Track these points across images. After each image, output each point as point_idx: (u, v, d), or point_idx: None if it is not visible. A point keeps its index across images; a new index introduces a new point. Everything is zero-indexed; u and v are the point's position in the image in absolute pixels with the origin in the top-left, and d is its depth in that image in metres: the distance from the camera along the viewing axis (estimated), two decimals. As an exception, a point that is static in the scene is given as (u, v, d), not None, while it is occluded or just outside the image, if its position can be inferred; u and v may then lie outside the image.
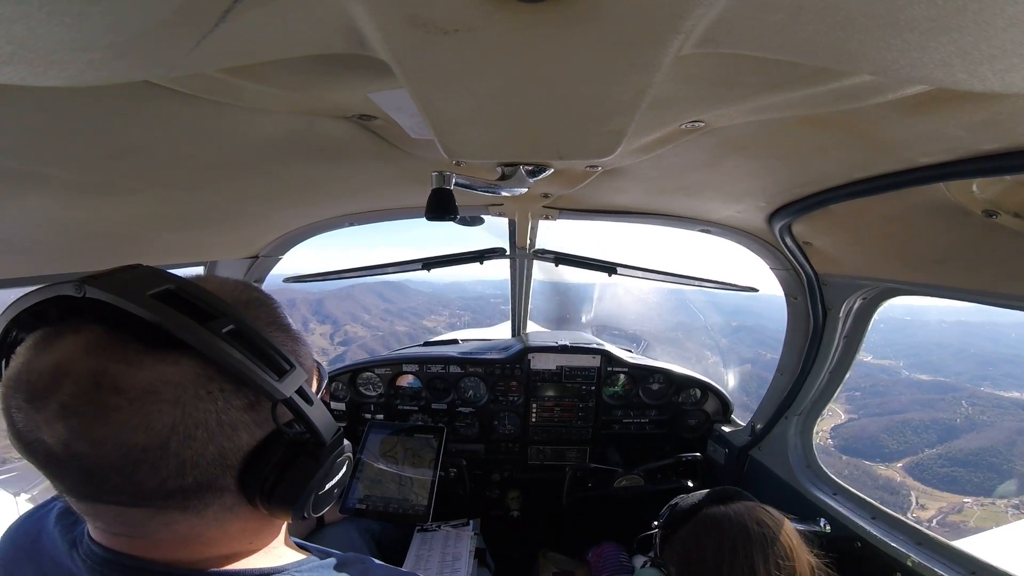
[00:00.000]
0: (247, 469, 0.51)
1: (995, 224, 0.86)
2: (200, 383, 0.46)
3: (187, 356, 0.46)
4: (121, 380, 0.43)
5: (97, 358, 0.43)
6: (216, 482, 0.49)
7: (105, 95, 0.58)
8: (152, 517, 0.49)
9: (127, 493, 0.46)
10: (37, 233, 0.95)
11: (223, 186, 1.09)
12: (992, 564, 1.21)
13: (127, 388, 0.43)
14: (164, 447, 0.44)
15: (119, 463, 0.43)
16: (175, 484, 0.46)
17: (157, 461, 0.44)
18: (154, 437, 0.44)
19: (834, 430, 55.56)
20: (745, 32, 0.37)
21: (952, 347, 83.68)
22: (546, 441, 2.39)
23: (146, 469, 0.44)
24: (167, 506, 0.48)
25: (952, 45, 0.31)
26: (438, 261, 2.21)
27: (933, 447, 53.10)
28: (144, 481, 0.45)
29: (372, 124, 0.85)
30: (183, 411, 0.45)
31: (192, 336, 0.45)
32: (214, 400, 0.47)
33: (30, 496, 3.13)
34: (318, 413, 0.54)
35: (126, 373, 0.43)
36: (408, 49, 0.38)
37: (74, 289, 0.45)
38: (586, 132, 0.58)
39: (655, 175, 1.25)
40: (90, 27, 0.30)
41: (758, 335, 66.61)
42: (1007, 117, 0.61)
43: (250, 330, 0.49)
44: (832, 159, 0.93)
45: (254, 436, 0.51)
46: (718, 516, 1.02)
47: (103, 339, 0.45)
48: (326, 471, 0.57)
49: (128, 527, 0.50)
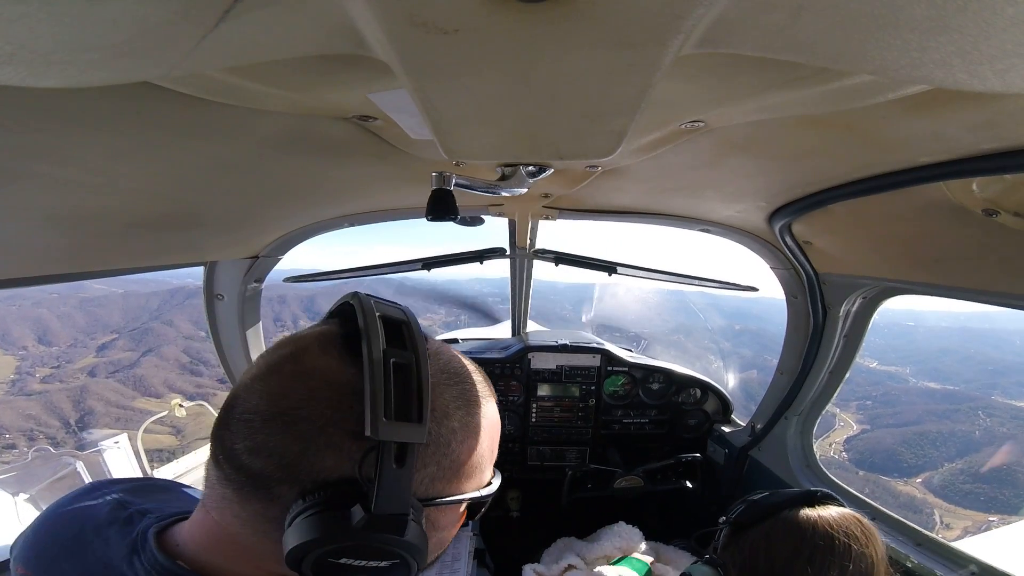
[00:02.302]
0: (304, 495, 0.45)
1: (995, 223, 0.86)
2: (342, 391, 0.47)
3: (357, 369, 0.47)
4: (305, 357, 0.50)
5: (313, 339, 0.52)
6: (274, 486, 0.46)
7: (105, 95, 0.58)
8: (218, 482, 0.49)
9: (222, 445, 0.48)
10: (37, 233, 0.95)
11: (223, 186, 1.09)
12: (992, 564, 1.21)
13: (302, 362, 0.49)
14: (271, 419, 0.46)
15: (243, 414, 0.48)
16: (247, 461, 0.46)
17: (255, 428, 0.47)
18: (272, 405, 0.47)
19: (848, 442, 53.71)
20: (745, 32, 0.37)
21: (959, 354, 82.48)
22: (546, 441, 2.39)
23: (245, 430, 0.47)
24: (229, 477, 0.48)
25: (952, 45, 0.31)
26: (438, 261, 2.21)
27: (953, 461, 51.27)
28: (236, 439, 0.47)
29: (372, 124, 0.85)
30: (309, 399, 0.47)
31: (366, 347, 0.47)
32: (337, 409, 0.46)
33: (29, 496, 3.13)
34: (396, 483, 0.45)
35: (313, 354, 0.50)
36: (408, 49, 0.38)
37: (351, 297, 0.54)
38: (586, 132, 0.58)
39: (655, 175, 1.25)
40: (90, 27, 0.30)
41: (763, 339, 65.96)
42: (1007, 117, 0.61)
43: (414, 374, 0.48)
44: (832, 159, 0.93)
45: (336, 468, 0.46)
46: (803, 521, 0.89)
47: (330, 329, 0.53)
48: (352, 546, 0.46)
49: (207, 491, 0.51)
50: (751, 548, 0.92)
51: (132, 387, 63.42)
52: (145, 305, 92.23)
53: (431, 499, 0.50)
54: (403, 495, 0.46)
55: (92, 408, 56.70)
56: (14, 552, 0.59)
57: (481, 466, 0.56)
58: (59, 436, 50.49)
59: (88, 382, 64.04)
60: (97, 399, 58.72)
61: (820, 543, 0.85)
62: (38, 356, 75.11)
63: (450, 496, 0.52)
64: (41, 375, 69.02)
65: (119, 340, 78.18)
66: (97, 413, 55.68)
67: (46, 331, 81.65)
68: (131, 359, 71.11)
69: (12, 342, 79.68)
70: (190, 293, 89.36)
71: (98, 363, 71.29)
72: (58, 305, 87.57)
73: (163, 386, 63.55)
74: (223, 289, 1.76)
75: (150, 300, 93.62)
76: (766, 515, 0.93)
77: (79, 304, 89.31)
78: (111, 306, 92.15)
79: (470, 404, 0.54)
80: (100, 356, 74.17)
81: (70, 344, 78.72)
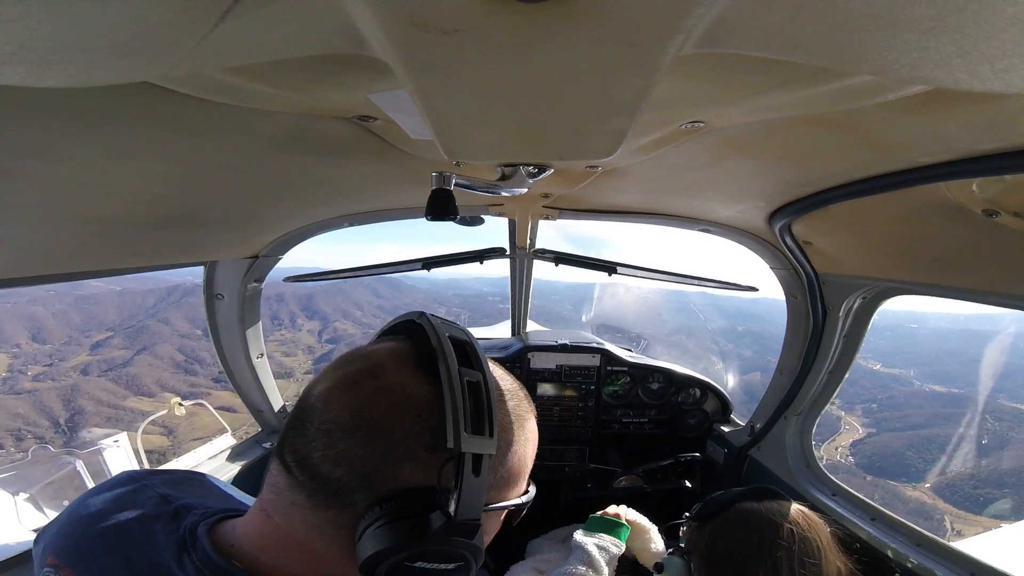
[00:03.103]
0: (380, 502, 0.48)
1: (995, 224, 0.86)
2: (419, 407, 0.51)
3: (432, 386, 0.51)
4: (383, 372, 0.52)
5: (389, 356, 0.55)
6: (350, 493, 0.48)
7: (105, 95, 0.58)
8: (289, 488, 0.50)
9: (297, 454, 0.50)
10: (37, 233, 0.95)
11: (223, 186, 1.09)
12: (992, 564, 1.21)
13: (382, 378, 0.52)
14: (353, 431, 0.49)
15: (320, 425, 0.50)
16: (325, 470, 0.48)
17: (335, 439, 0.49)
18: (354, 418, 0.49)
19: (854, 446, 52.89)
20: (745, 32, 0.37)
21: (963, 356, 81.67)
22: (545, 440, 2.38)
23: (324, 440, 0.49)
24: (303, 484, 0.49)
25: (952, 45, 0.31)
26: (438, 261, 2.21)
27: (962, 466, 50.75)
28: (313, 449, 0.49)
29: (372, 125, 0.85)
30: (389, 412, 0.50)
31: (443, 366, 0.51)
32: (415, 423, 0.50)
33: (28, 495, 3.13)
34: (474, 491, 0.48)
35: (391, 370, 0.53)
36: (408, 49, 0.38)
37: (416, 316, 0.59)
38: (586, 132, 0.58)
39: (655, 175, 1.25)
40: (90, 27, 0.30)
41: (766, 340, 65.35)
42: (1007, 117, 0.61)
43: (485, 391, 0.52)
44: (832, 159, 0.93)
45: (411, 478, 0.49)
46: (751, 511, 1.02)
47: (401, 347, 0.56)
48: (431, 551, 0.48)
49: (271, 494, 0.52)
50: (710, 538, 1.05)
51: (124, 386, 62.70)
52: (141, 303, 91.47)
53: (487, 505, 0.54)
54: (478, 502, 0.50)
55: (82, 407, 55.91)
56: (43, 541, 0.57)
57: (524, 476, 0.63)
58: (47, 436, 49.75)
59: (80, 380, 63.20)
60: (88, 398, 57.97)
61: (766, 528, 0.98)
62: (31, 354, 74.24)
63: (500, 503, 0.58)
64: (33, 373, 68.00)
65: (114, 338, 77.35)
66: (87, 412, 54.94)
67: (40, 328, 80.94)
68: (125, 357, 70.34)
69: (5, 339, 78.72)
70: (187, 291, 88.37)
71: (91, 361, 70.48)
72: (54, 302, 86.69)
73: (156, 385, 62.94)
74: (223, 289, 1.76)
75: (147, 298, 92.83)
76: (720, 509, 1.07)
77: (75, 302, 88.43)
78: (107, 304, 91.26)
79: (522, 419, 0.61)
80: (94, 354, 73.31)
81: (64, 342, 77.93)
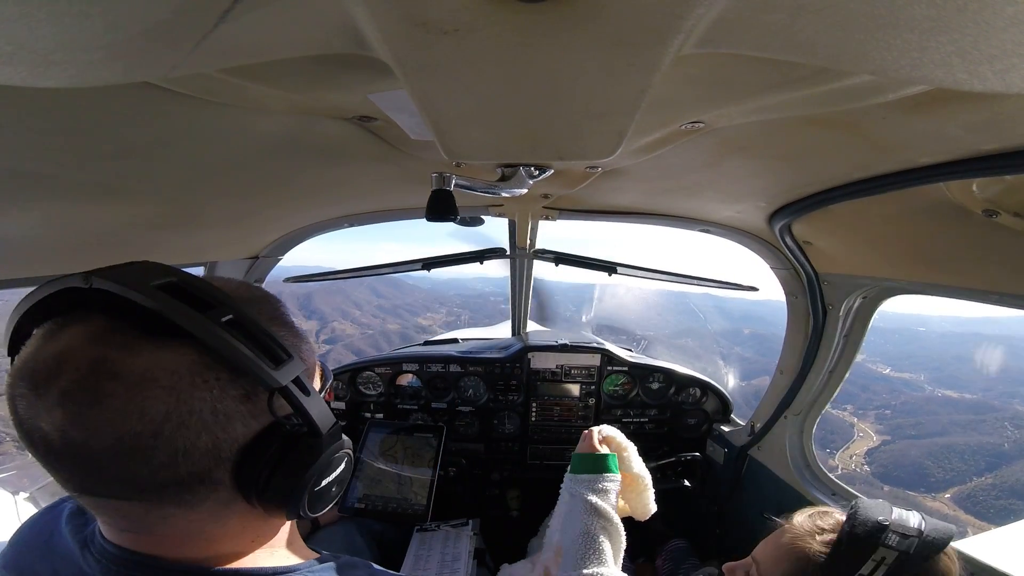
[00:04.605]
0: (241, 462, 0.50)
1: (995, 224, 0.86)
2: (196, 371, 0.46)
3: (186, 345, 0.46)
4: (119, 366, 0.44)
5: (98, 346, 0.44)
6: (210, 475, 0.48)
7: (105, 95, 0.58)
8: (149, 511, 0.49)
9: (121, 484, 0.46)
10: (37, 233, 0.95)
11: (223, 186, 1.09)
12: (992, 564, 1.21)
13: (124, 374, 0.44)
14: (157, 435, 0.44)
15: (112, 451, 0.43)
16: (168, 475, 0.46)
17: (150, 449, 0.44)
18: (147, 424, 0.44)
19: (869, 454, 51.26)
20: (745, 32, 0.37)
21: (974, 360, 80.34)
22: (546, 440, 2.39)
23: (139, 458, 0.44)
24: (162, 500, 0.48)
25: (952, 45, 0.31)
26: (438, 261, 2.21)
27: (983, 475, 48.77)
28: (137, 471, 0.45)
29: (372, 125, 0.85)
30: (178, 398, 0.45)
31: (190, 323, 0.46)
32: (210, 388, 0.47)
33: (28, 495, 3.12)
34: (316, 405, 0.53)
35: (124, 360, 0.44)
36: (408, 49, 0.38)
37: (81, 280, 0.47)
38: (586, 132, 0.58)
39: (655, 175, 1.24)
40: (90, 27, 0.30)
41: (772, 344, 64.30)
42: (1007, 117, 0.61)
43: (249, 321, 0.50)
44: (832, 159, 0.93)
45: (249, 428, 0.50)
46: None
47: (106, 328, 0.46)
48: (323, 466, 0.55)
49: (130, 522, 0.50)
50: None
51: None
52: None
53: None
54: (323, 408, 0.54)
55: None
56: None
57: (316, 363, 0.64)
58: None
59: None
60: None
61: None
62: None
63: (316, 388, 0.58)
64: None
65: None
66: None
67: None
68: None
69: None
70: None
71: None
72: None
73: None
74: (223, 289, 1.76)
75: None
76: None
77: None
78: None
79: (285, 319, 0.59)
80: None
81: None
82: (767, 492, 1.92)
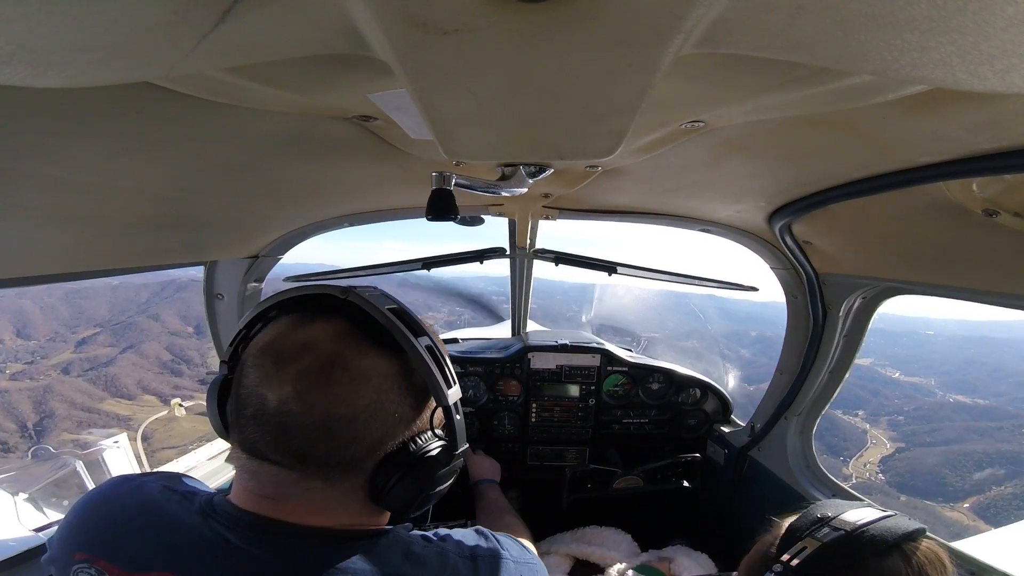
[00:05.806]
0: (388, 459, 0.60)
1: (995, 224, 0.86)
2: (398, 379, 0.60)
3: (396, 357, 0.60)
4: (350, 362, 0.57)
5: (338, 343, 0.58)
6: (362, 463, 0.59)
7: (105, 95, 0.58)
8: (299, 481, 0.57)
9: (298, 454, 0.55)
10: (37, 233, 0.95)
11: (223, 186, 1.09)
12: (992, 564, 1.21)
13: (351, 368, 0.56)
14: (352, 420, 0.56)
15: (316, 426, 0.54)
16: (339, 454, 0.56)
17: (340, 431, 0.55)
18: (350, 410, 0.55)
19: (883, 463, 50.04)
20: (745, 32, 0.37)
21: (985, 365, 78.48)
22: (545, 441, 2.39)
23: (329, 436, 0.55)
24: (316, 473, 0.57)
25: (952, 45, 0.31)
26: (438, 261, 2.21)
27: (1003, 484, 47.16)
28: (320, 445, 0.55)
29: (372, 125, 0.85)
30: (379, 396, 0.58)
31: (406, 342, 0.60)
32: (401, 394, 0.60)
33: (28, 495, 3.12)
34: (461, 426, 0.65)
35: (354, 358, 0.57)
36: (408, 49, 0.38)
37: (340, 292, 0.62)
38: (586, 132, 0.58)
39: (655, 175, 1.24)
40: (90, 27, 0.30)
41: (779, 346, 62.81)
42: (1007, 117, 0.61)
43: (439, 349, 0.64)
44: (832, 159, 0.93)
45: (407, 433, 0.62)
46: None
47: (346, 330, 0.59)
48: (447, 475, 0.67)
49: (276, 488, 0.57)
50: None
51: (103, 387, 59.39)
52: (134, 298, 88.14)
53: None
54: (462, 432, 0.67)
55: (53, 410, 52.50)
56: (62, 544, 0.60)
57: None
58: (12, 441, 46.88)
59: (56, 380, 59.41)
60: (60, 400, 54.32)
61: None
62: (12, 350, 70.78)
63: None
64: (12, 372, 63.33)
65: (100, 335, 73.72)
66: (58, 416, 51.51)
67: (27, 323, 77.73)
68: (109, 356, 66.78)
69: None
70: (181, 286, 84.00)
71: (74, 359, 66.81)
72: (43, 296, 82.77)
73: (136, 387, 60.27)
74: (223, 289, 1.76)
75: (140, 293, 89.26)
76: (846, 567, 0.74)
77: (65, 295, 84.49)
78: (98, 298, 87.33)
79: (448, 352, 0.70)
80: (78, 351, 69.61)
81: (49, 338, 74.67)
82: (768, 493, 1.92)
